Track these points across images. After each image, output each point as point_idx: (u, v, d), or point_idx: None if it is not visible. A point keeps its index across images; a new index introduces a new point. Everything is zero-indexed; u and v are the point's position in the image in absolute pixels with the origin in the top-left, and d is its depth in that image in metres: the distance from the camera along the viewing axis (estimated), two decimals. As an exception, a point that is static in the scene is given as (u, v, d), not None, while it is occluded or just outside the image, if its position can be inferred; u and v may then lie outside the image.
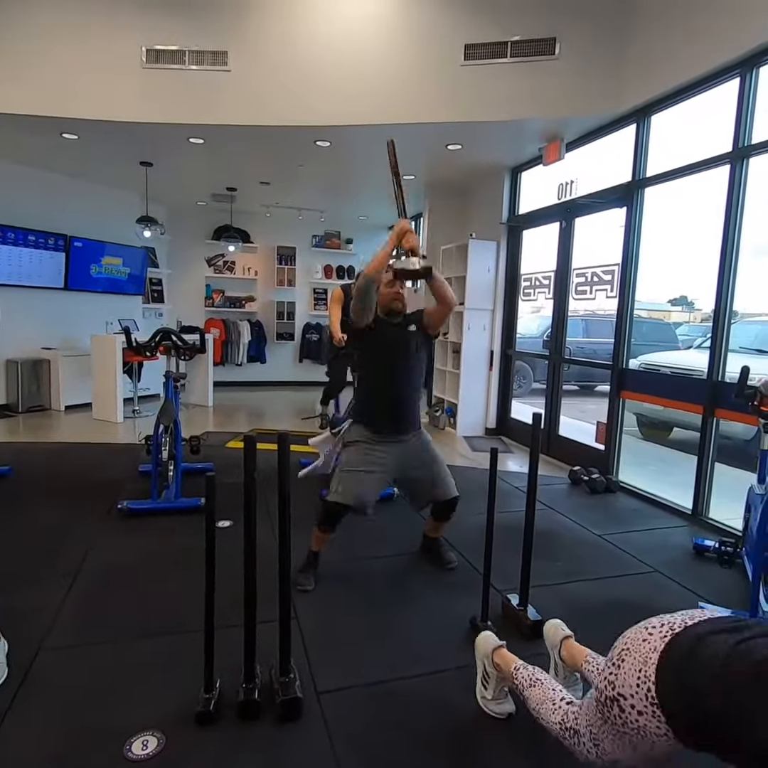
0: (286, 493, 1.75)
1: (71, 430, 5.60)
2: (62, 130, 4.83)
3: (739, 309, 8.42)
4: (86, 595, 2.36)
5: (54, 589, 2.37)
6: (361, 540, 3.01)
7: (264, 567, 1.85)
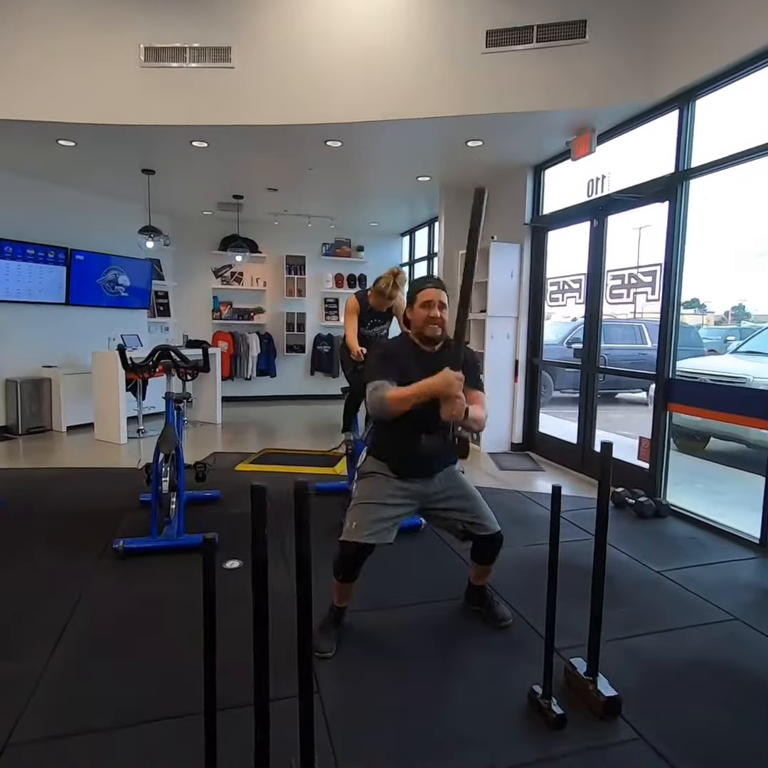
0: (307, 557, 1.37)
1: (71, 454, 5.29)
2: (58, 137, 4.56)
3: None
4: (70, 663, 2.01)
5: (33, 655, 2.02)
6: (387, 582, 2.63)
7: (279, 620, 1.47)
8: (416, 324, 2.10)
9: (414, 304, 2.11)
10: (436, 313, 2.06)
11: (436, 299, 2.07)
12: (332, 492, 3.99)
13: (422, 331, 2.08)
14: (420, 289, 2.11)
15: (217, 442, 5.90)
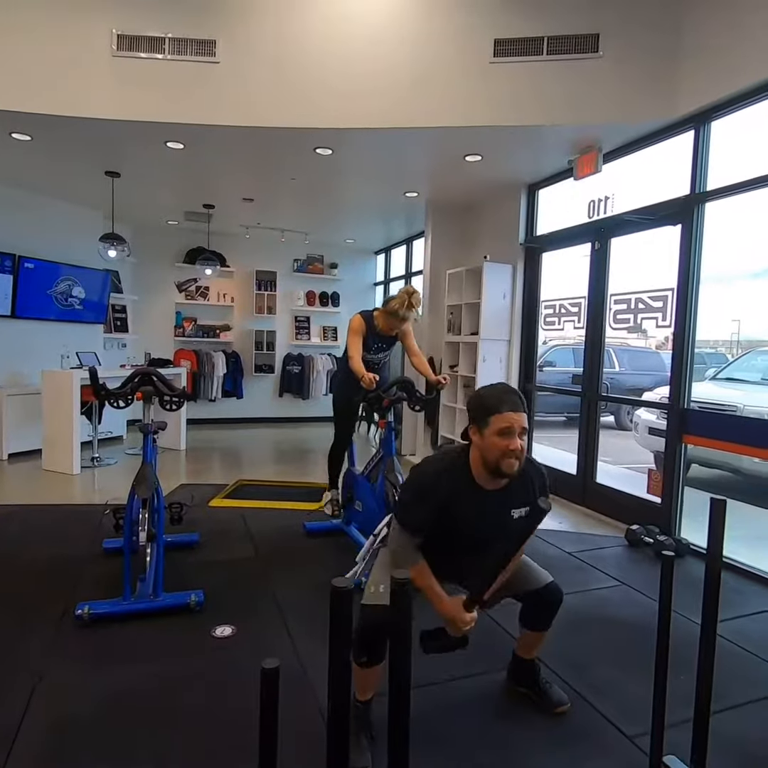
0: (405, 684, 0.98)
1: (15, 487, 4.64)
2: (11, 129, 4.03)
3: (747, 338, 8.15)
4: (27, 788, 1.53)
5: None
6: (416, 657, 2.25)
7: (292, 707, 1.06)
8: (488, 454, 1.62)
9: (485, 428, 1.62)
10: (517, 444, 1.59)
11: (518, 426, 1.60)
12: (325, 532, 3.57)
13: (497, 465, 1.61)
14: (495, 412, 1.60)
15: (181, 471, 5.36)
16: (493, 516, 1.69)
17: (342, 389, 3.41)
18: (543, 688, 1.97)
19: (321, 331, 8.53)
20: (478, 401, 1.68)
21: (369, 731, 1.71)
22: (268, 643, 2.28)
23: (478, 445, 1.66)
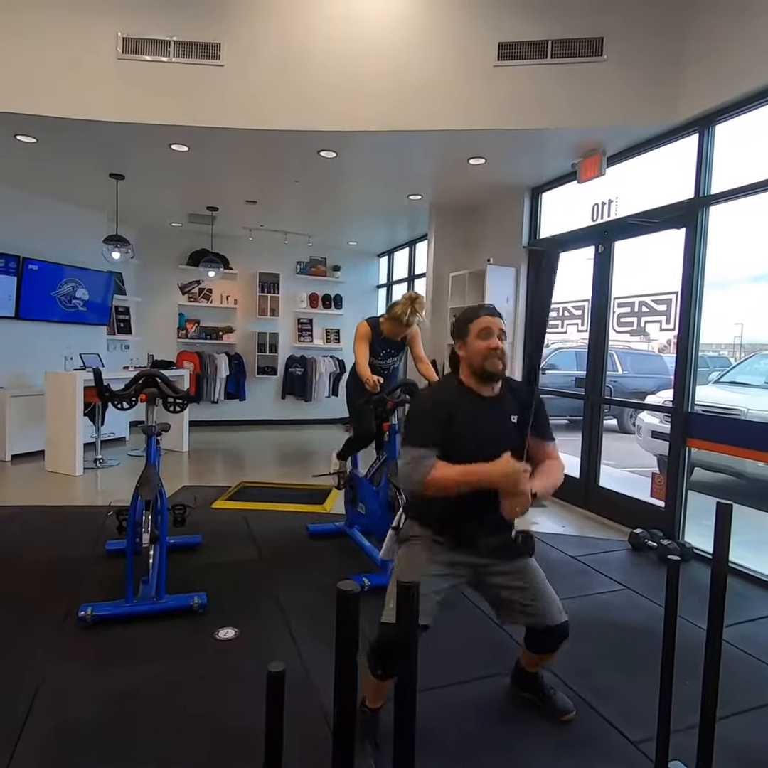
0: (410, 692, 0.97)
1: (18, 488, 4.65)
2: (17, 131, 4.05)
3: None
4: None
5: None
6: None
7: (296, 711, 1.05)
8: (473, 359, 1.73)
9: (467, 336, 1.75)
10: (497, 342, 1.72)
11: (495, 327, 1.74)
12: (328, 535, 3.56)
13: (482, 366, 1.71)
14: (473, 318, 1.77)
15: (184, 473, 5.36)
16: (493, 421, 1.73)
17: (351, 392, 3.42)
18: (547, 695, 1.95)
19: (324, 333, 8.53)
20: (457, 319, 1.84)
21: (374, 738, 1.71)
22: (272, 646, 2.27)
23: (464, 357, 1.77)
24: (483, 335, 1.72)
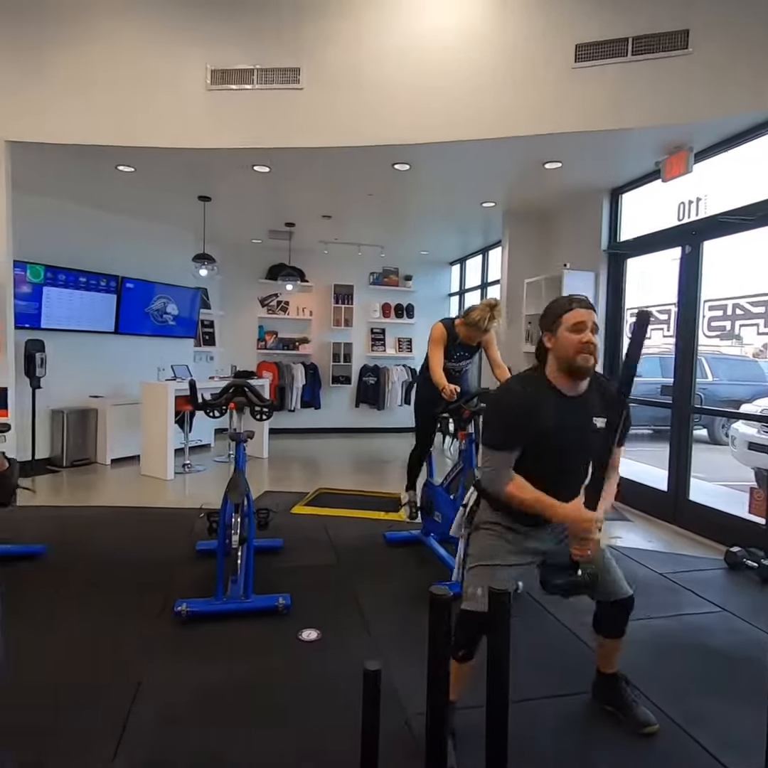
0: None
1: (117, 490, 5.02)
2: (118, 162, 4.43)
3: None
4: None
5: (93, 763, 1.67)
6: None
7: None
8: (563, 353, 1.66)
9: (557, 329, 1.68)
10: (589, 337, 1.64)
11: (589, 320, 1.67)
12: (404, 542, 3.59)
13: (572, 361, 1.65)
14: (565, 311, 1.69)
15: (264, 479, 5.58)
16: (576, 423, 1.68)
17: (422, 400, 3.43)
18: (629, 706, 1.91)
19: (396, 342, 8.62)
20: (547, 310, 1.76)
21: (452, 732, 1.73)
22: (353, 649, 2.32)
23: (552, 350, 1.70)
24: (575, 329, 1.65)
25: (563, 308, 1.70)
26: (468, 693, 1.73)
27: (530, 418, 1.66)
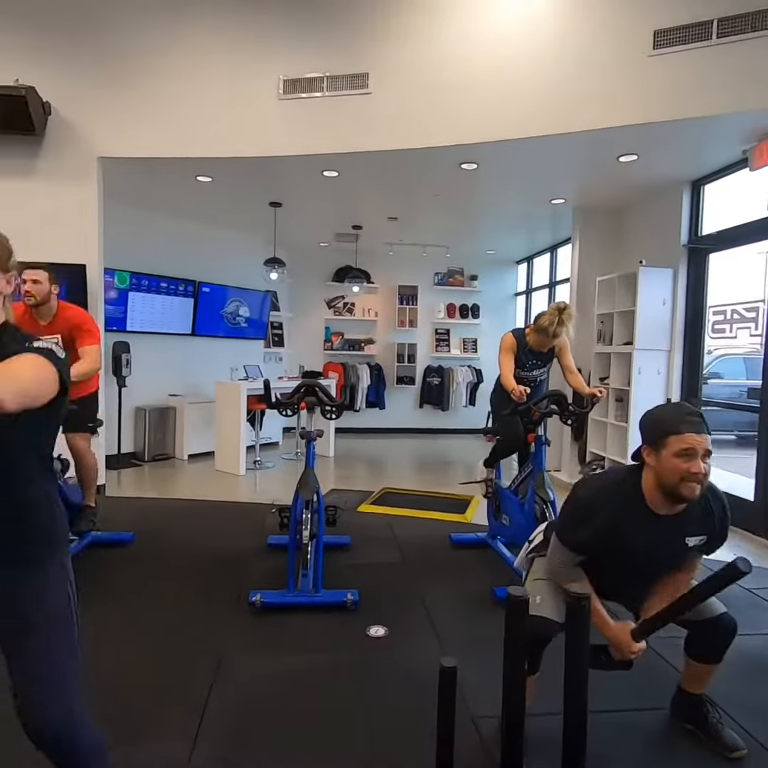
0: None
1: (194, 484, 5.29)
2: (197, 173, 4.67)
3: None
4: (216, 754, 1.73)
5: (176, 738, 1.77)
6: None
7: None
8: (666, 479, 1.51)
9: (662, 449, 1.51)
10: (700, 467, 1.46)
11: (701, 448, 1.48)
12: (470, 544, 3.57)
13: (676, 489, 1.49)
14: (674, 432, 1.49)
15: (331, 477, 5.69)
16: (665, 543, 1.59)
17: (496, 404, 3.40)
18: (714, 728, 1.79)
19: (461, 343, 8.56)
20: (653, 420, 1.59)
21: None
22: (420, 647, 2.34)
23: (653, 467, 1.55)
24: (684, 455, 1.47)
25: (672, 428, 1.50)
26: (541, 699, 1.70)
27: (609, 529, 1.56)
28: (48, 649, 1.14)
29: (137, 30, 4.14)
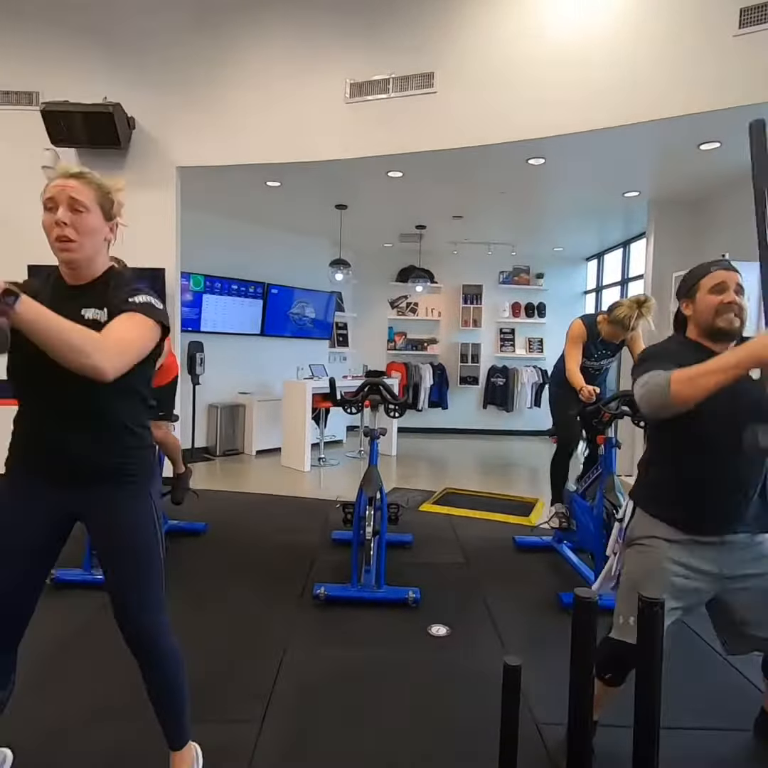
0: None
1: (261, 478, 5.48)
2: (267, 178, 4.83)
3: None
4: (283, 736, 1.79)
5: (244, 719, 1.85)
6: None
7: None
8: (702, 316, 1.53)
9: (696, 293, 1.55)
10: (732, 296, 1.50)
11: (731, 281, 1.52)
12: (535, 548, 3.49)
13: (713, 323, 1.50)
14: (704, 274, 1.56)
15: (393, 476, 5.72)
16: (742, 387, 1.37)
17: (558, 402, 3.28)
18: None
19: (526, 342, 8.38)
20: (685, 277, 1.63)
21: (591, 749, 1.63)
22: (482, 649, 2.31)
23: (692, 317, 1.58)
24: (716, 290, 1.52)
25: (702, 272, 1.57)
26: (610, 710, 1.64)
27: (676, 362, 1.42)
28: (139, 567, 1.34)
29: (207, 45, 4.33)
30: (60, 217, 1.21)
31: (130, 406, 1.34)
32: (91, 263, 1.30)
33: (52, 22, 4.34)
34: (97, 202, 1.28)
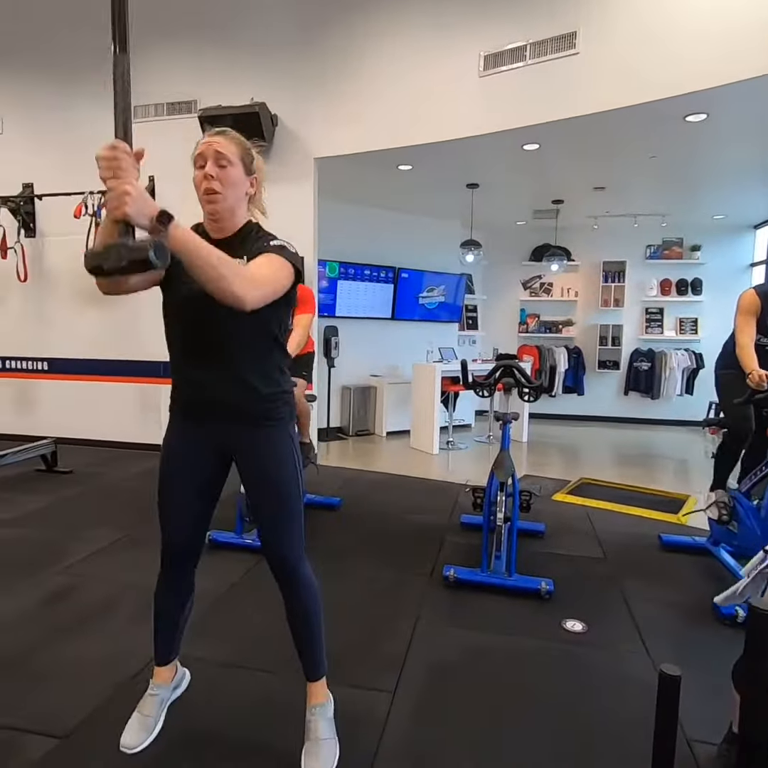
0: None
1: (391, 459, 5.62)
2: (399, 162, 4.87)
3: None
4: (414, 707, 1.83)
5: (377, 688, 1.92)
6: None
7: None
8: None
9: None
10: None
11: None
12: (684, 548, 3.18)
13: None
14: None
15: (523, 462, 5.55)
16: None
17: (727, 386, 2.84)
18: None
19: (677, 323, 7.59)
20: None
21: None
22: (623, 652, 2.17)
23: None
24: None
25: None
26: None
27: None
28: (281, 499, 1.47)
29: (341, 36, 4.43)
30: (207, 170, 1.36)
31: (267, 347, 1.44)
32: (233, 215, 1.42)
33: (206, 41, 4.73)
34: (239, 156, 1.41)
